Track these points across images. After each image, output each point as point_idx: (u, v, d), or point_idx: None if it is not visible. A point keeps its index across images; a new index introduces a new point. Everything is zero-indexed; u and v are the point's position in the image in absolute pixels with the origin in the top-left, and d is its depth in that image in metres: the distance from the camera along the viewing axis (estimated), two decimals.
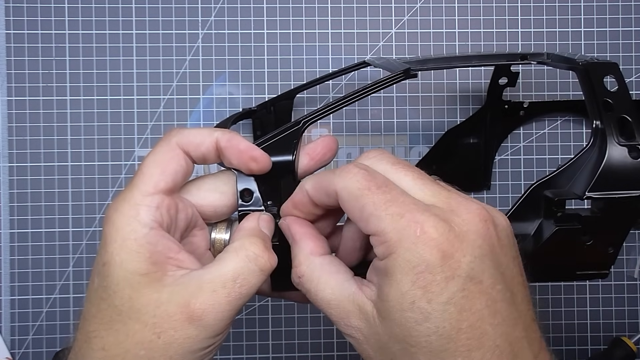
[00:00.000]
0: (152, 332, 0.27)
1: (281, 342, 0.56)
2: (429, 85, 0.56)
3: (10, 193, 0.54)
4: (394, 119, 0.56)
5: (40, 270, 0.55)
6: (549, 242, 0.34)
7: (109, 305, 0.28)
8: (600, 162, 0.33)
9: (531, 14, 0.56)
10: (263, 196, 0.32)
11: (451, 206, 0.26)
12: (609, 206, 0.34)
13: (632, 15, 0.56)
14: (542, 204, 0.35)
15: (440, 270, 0.24)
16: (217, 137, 0.30)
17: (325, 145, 0.33)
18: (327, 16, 0.56)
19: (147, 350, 0.27)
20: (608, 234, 0.34)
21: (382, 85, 0.35)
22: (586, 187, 0.33)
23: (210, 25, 0.55)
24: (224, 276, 0.28)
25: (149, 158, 0.30)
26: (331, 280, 0.29)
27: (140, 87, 0.55)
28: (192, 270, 0.29)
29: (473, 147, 0.55)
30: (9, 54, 0.54)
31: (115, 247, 0.28)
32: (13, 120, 0.54)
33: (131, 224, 0.28)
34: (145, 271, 0.28)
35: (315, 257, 0.30)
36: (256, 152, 0.31)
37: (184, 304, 0.27)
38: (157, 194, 0.29)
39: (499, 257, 0.26)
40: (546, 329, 0.57)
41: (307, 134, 0.55)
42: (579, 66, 0.36)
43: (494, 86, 0.53)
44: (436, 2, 0.56)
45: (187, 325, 0.27)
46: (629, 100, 0.35)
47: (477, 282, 0.25)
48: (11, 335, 0.54)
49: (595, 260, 0.35)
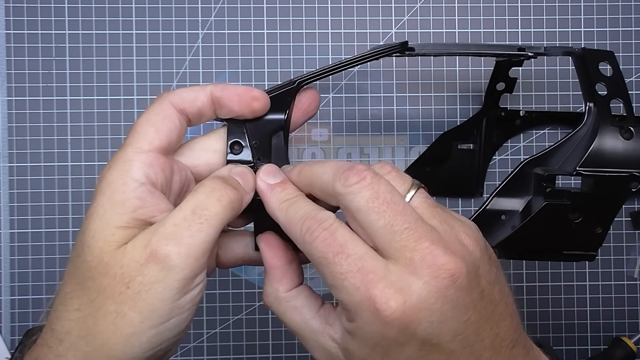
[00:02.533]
0: (121, 284, 0.26)
1: (281, 342, 0.56)
2: (429, 85, 0.56)
3: (10, 193, 0.54)
4: (394, 119, 0.56)
5: (40, 270, 0.55)
6: (537, 218, 0.34)
7: (82, 261, 0.27)
8: (592, 141, 0.34)
9: (531, 14, 0.56)
10: (253, 151, 0.32)
11: (414, 264, 0.25)
12: (599, 184, 0.34)
13: (632, 15, 0.56)
14: (532, 181, 0.35)
15: (395, 341, 0.25)
16: (211, 90, 0.31)
17: (310, 96, 0.34)
18: (327, 16, 0.56)
19: (117, 304, 0.26)
20: (597, 212, 0.34)
21: (380, 54, 0.35)
22: (577, 164, 0.33)
23: (210, 25, 0.55)
24: (184, 210, 0.28)
25: (143, 117, 0.30)
26: (295, 316, 0.30)
27: (140, 87, 0.55)
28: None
29: (468, 152, 0.54)
30: (9, 54, 0.54)
31: (102, 200, 0.28)
32: (13, 120, 0.54)
33: (122, 177, 0.28)
34: (124, 224, 0.27)
35: (281, 292, 0.30)
36: (255, 92, 0.31)
37: (147, 244, 0.27)
38: (151, 152, 0.29)
39: (465, 304, 0.26)
40: (546, 329, 0.57)
41: (307, 133, 0.56)
42: (576, 52, 0.36)
43: (492, 91, 0.52)
44: (436, 2, 0.56)
45: (152, 267, 0.26)
46: (622, 86, 0.35)
47: (434, 343, 0.25)
48: (11, 335, 0.54)
49: (583, 240, 0.35)
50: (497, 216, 0.36)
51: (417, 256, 0.25)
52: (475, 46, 0.43)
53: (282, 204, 0.30)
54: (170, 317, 0.27)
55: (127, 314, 0.26)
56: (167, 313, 0.27)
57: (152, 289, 0.26)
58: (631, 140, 0.34)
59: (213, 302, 0.55)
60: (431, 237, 0.26)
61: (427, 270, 0.25)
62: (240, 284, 0.56)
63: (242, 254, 0.34)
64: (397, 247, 0.26)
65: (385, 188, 0.26)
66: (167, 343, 0.28)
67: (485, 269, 0.27)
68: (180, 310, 0.27)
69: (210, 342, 0.55)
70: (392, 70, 0.56)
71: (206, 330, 0.55)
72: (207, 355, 0.55)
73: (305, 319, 0.30)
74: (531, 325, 0.57)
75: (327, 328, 0.29)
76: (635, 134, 0.34)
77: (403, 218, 0.26)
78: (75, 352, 0.27)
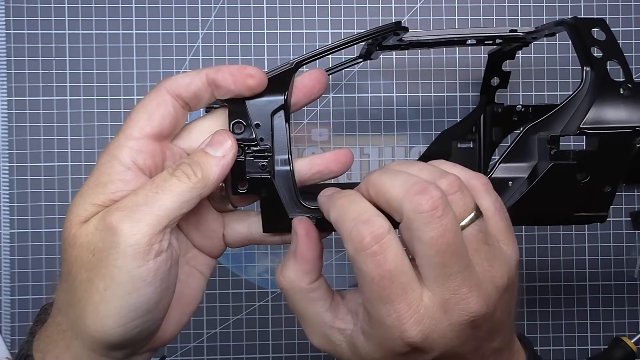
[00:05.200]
0: (87, 252, 0.28)
1: (281, 342, 0.56)
2: (429, 85, 0.56)
3: (10, 193, 0.54)
4: (394, 119, 0.56)
5: (40, 270, 0.55)
6: (544, 180, 0.34)
7: (62, 236, 0.29)
8: (593, 101, 0.34)
9: (531, 14, 0.56)
10: (256, 131, 0.32)
11: (448, 305, 0.27)
12: (603, 142, 0.34)
13: (632, 15, 0.56)
14: (536, 145, 0.35)
15: (406, 356, 0.28)
16: (206, 72, 0.31)
17: (313, 77, 0.34)
18: (327, 16, 0.56)
19: (87, 271, 0.28)
20: (604, 170, 0.34)
21: (374, 34, 0.36)
22: (579, 124, 0.34)
23: (210, 25, 0.55)
24: (144, 185, 0.29)
25: (138, 105, 0.31)
26: (310, 307, 0.31)
27: (140, 87, 0.55)
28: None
29: (468, 151, 0.54)
30: (9, 54, 0.54)
31: (90, 180, 0.30)
32: (13, 120, 0.54)
33: (111, 161, 0.29)
34: (100, 202, 0.29)
35: (304, 284, 0.31)
36: (249, 68, 0.31)
37: (106, 213, 0.28)
38: (142, 138, 0.30)
39: (476, 335, 0.28)
40: (546, 329, 0.57)
41: (307, 133, 0.56)
42: (568, 21, 0.37)
43: (487, 87, 0.52)
44: (436, 2, 0.56)
45: (108, 233, 0.27)
46: (617, 48, 0.35)
47: (440, 357, 0.28)
48: (11, 335, 0.54)
49: (593, 200, 0.35)
50: (505, 183, 0.36)
51: (453, 299, 0.27)
52: (469, 30, 0.43)
53: (335, 196, 0.30)
54: (133, 287, 0.28)
55: (94, 280, 0.28)
56: (127, 281, 0.27)
57: (110, 255, 0.27)
58: (631, 97, 0.34)
59: (213, 302, 0.55)
60: (470, 283, 0.27)
61: (457, 313, 0.27)
62: (240, 284, 0.56)
63: (245, 233, 0.34)
64: (440, 284, 0.27)
65: (452, 226, 0.26)
66: (139, 320, 0.28)
67: (502, 305, 0.29)
68: (142, 282, 0.28)
69: (210, 342, 0.55)
70: (392, 70, 0.56)
71: (206, 330, 0.55)
72: (207, 355, 0.55)
73: (319, 312, 0.31)
74: (531, 325, 0.57)
75: (337, 322, 0.30)
76: (635, 90, 0.34)
77: (456, 261, 0.27)
78: (67, 320, 0.29)
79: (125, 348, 0.30)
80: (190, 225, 0.34)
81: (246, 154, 0.32)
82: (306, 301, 0.31)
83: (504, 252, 0.29)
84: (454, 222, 0.26)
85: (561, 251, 0.57)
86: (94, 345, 0.29)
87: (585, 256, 0.57)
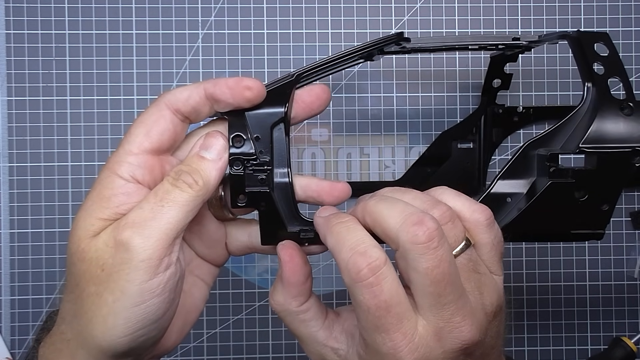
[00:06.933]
0: (96, 267, 0.28)
1: (281, 342, 0.56)
2: (429, 85, 0.56)
3: (10, 193, 0.54)
4: (394, 119, 0.56)
5: (40, 270, 0.55)
6: (542, 198, 0.34)
7: (67, 250, 0.30)
8: (593, 119, 0.34)
9: (531, 14, 0.56)
10: (255, 145, 0.32)
11: (442, 333, 0.27)
12: (602, 161, 0.34)
13: (632, 15, 0.56)
14: (535, 162, 0.35)
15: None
16: (204, 87, 0.31)
17: (313, 94, 0.33)
18: (327, 16, 0.56)
19: (95, 285, 0.28)
20: (602, 189, 0.34)
21: (376, 45, 0.36)
22: (579, 142, 0.34)
23: (210, 25, 0.55)
24: (149, 198, 0.29)
25: (137, 119, 0.31)
26: (302, 328, 0.32)
27: (140, 87, 0.55)
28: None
29: (468, 151, 0.54)
30: (9, 54, 0.54)
31: (92, 194, 0.30)
32: (13, 120, 0.54)
33: (111, 176, 0.30)
34: (105, 217, 0.29)
35: (293, 307, 0.31)
36: (247, 80, 0.31)
37: (115, 229, 0.28)
38: (140, 154, 0.30)
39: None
40: (546, 329, 0.57)
41: (307, 133, 0.56)
42: (571, 34, 0.36)
43: (488, 88, 0.52)
44: (436, 2, 0.56)
45: (120, 250, 0.28)
46: (619, 64, 0.35)
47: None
48: (11, 335, 0.54)
49: (590, 218, 0.35)
50: (502, 199, 0.36)
51: (447, 328, 0.27)
52: (471, 37, 0.43)
53: (332, 222, 0.30)
54: (142, 299, 0.28)
55: (103, 294, 0.28)
56: (137, 294, 0.28)
57: (121, 270, 0.28)
58: (632, 116, 0.34)
59: (213, 302, 0.55)
60: (463, 311, 0.28)
61: (451, 341, 0.28)
62: (240, 284, 0.56)
63: (246, 242, 0.35)
64: (434, 313, 0.27)
65: (447, 257, 0.27)
66: (146, 330, 0.29)
67: (492, 331, 0.30)
68: (151, 294, 0.28)
69: (210, 342, 0.55)
70: (392, 70, 0.56)
71: (206, 330, 0.55)
72: (207, 355, 0.55)
73: (311, 332, 0.31)
74: (531, 325, 0.57)
75: (331, 340, 0.31)
76: (636, 109, 0.34)
77: (451, 291, 0.27)
78: (71, 330, 0.30)
79: (130, 356, 0.30)
80: (193, 235, 0.34)
81: (245, 168, 0.32)
82: (298, 322, 0.32)
83: (494, 280, 0.30)
84: (448, 253, 0.27)
85: (561, 251, 0.57)
86: (100, 354, 0.29)
87: (585, 256, 0.57)
